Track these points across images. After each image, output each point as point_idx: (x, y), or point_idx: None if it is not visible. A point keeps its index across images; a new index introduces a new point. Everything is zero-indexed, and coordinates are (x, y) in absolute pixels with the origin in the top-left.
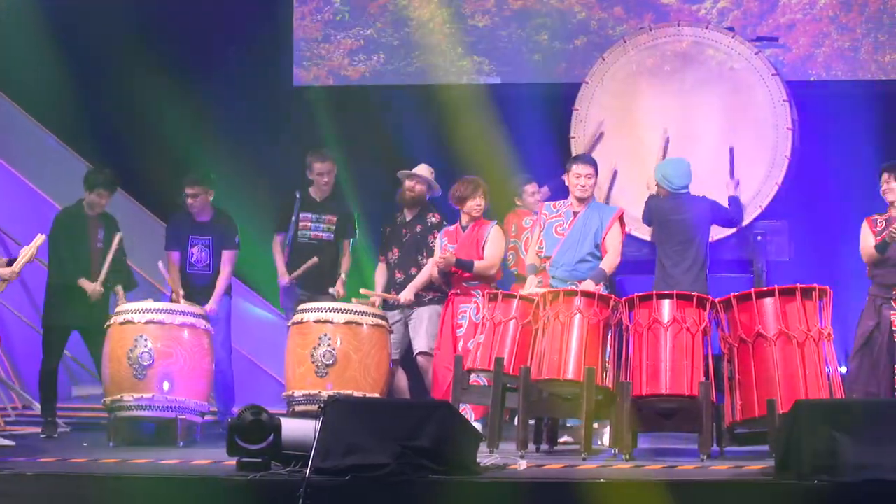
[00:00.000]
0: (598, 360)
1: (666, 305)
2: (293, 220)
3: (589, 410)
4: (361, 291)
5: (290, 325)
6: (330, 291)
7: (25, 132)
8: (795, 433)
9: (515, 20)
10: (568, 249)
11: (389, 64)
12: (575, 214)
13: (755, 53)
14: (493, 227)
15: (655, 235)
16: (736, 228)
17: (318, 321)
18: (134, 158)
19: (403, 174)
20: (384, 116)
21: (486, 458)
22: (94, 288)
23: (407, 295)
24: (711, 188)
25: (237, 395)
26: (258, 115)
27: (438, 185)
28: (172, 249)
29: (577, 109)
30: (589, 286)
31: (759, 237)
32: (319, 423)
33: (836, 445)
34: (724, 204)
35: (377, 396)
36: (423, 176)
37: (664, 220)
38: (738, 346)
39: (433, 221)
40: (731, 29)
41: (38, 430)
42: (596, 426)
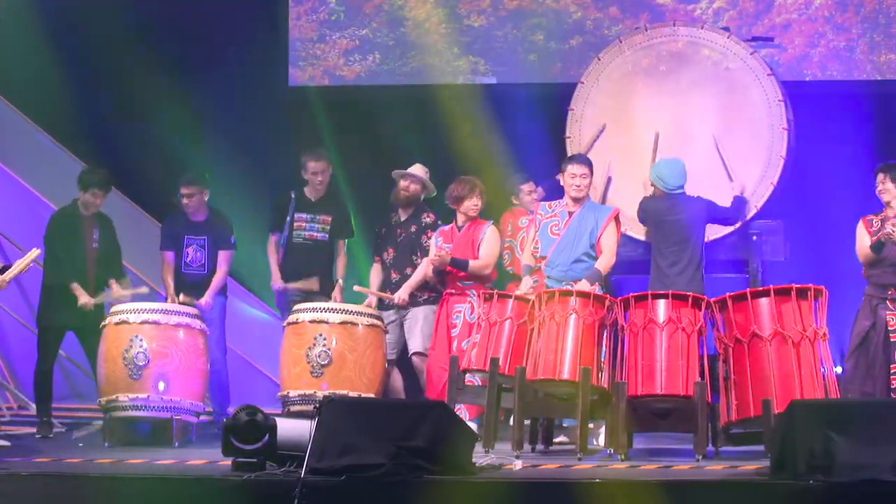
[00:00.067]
0: (593, 360)
1: (661, 305)
2: (288, 220)
3: (584, 410)
4: (355, 289)
5: (285, 324)
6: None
7: (20, 132)
8: (791, 433)
9: (511, 20)
10: (563, 249)
11: (385, 64)
12: (570, 214)
13: (751, 53)
14: (488, 227)
15: (651, 236)
16: (735, 227)
17: (313, 321)
18: (129, 158)
19: (398, 174)
20: (379, 116)
21: (481, 458)
22: (85, 301)
23: (402, 295)
24: (707, 188)
25: (232, 395)
26: (253, 114)
27: (433, 184)
28: (167, 249)
29: (572, 109)
30: (584, 286)
31: (754, 237)
32: (315, 423)
33: (831, 445)
34: (720, 203)
35: (372, 396)
36: (417, 175)
37: (659, 220)
38: (733, 345)
39: (427, 221)
40: (726, 29)
41: (33, 430)
42: (591, 426)
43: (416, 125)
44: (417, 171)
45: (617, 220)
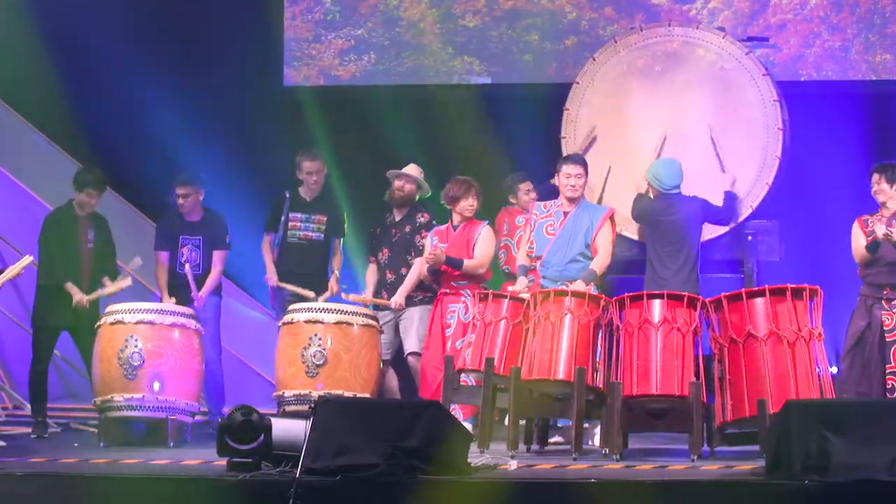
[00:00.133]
0: (588, 360)
1: (656, 305)
2: (283, 219)
3: (579, 410)
4: (352, 298)
5: (280, 325)
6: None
7: (15, 131)
8: (786, 433)
9: (506, 20)
10: (558, 249)
11: (380, 64)
12: (565, 214)
13: (746, 53)
14: (484, 227)
15: (646, 236)
16: (729, 227)
17: (308, 321)
18: (124, 158)
19: (392, 174)
20: (374, 116)
21: (476, 458)
22: (79, 299)
23: (398, 299)
24: (703, 188)
25: (227, 395)
26: (249, 114)
27: (427, 184)
28: (162, 249)
29: (567, 109)
30: (580, 287)
31: (749, 237)
32: (310, 423)
33: (826, 445)
34: (716, 202)
35: (367, 396)
36: (412, 175)
37: (655, 220)
38: (728, 346)
39: (422, 221)
40: (721, 29)
41: (28, 430)
42: (586, 426)
43: (411, 125)
44: (412, 171)
45: (612, 220)
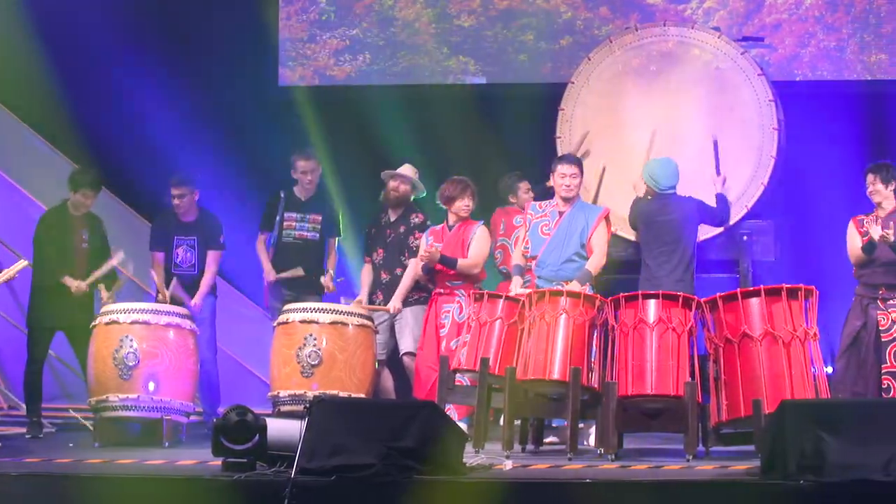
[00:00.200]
0: (583, 360)
1: (651, 305)
2: (278, 219)
3: (574, 410)
4: (355, 303)
5: (275, 325)
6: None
7: (9, 131)
8: (781, 433)
9: (501, 20)
10: (554, 249)
11: (375, 64)
12: (561, 214)
13: (741, 53)
14: (479, 227)
15: (641, 236)
16: (723, 228)
17: (303, 321)
18: (119, 158)
19: (387, 174)
20: (369, 116)
21: (471, 458)
22: (77, 285)
23: (395, 303)
24: (698, 188)
25: (222, 395)
26: (243, 114)
27: (422, 184)
28: (157, 250)
29: (562, 109)
30: (575, 287)
31: (744, 237)
32: (305, 423)
33: (822, 445)
34: (711, 203)
35: (363, 397)
36: (407, 176)
37: (650, 220)
38: (723, 346)
39: (416, 222)
40: (716, 29)
41: (23, 430)
42: (581, 426)
43: (406, 125)
44: (407, 171)
45: (607, 220)
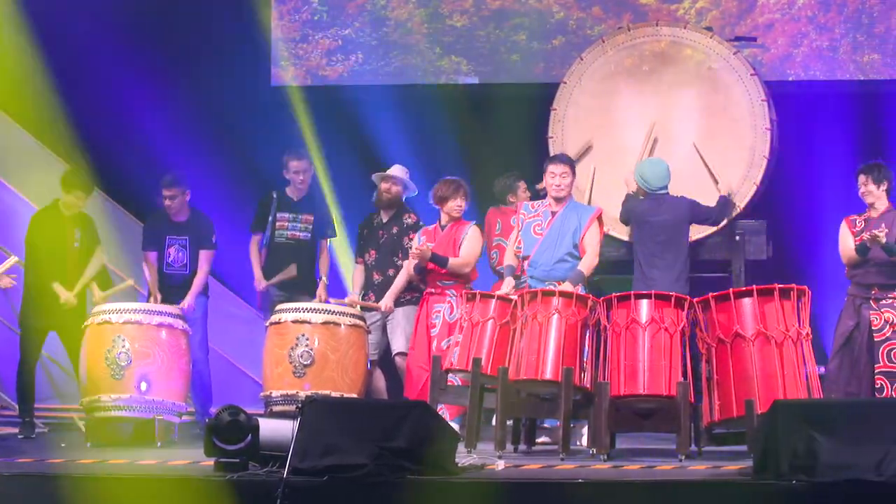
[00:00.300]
0: (576, 360)
1: (644, 305)
2: (270, 220)
3: (567, 411)
4: (346, 301)
5: (267, 325)
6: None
7: (2, 132)
8: (773, 433)
9: (493, 20)
10: (546, 249)
11: (367, 64)
12: (553, 214)
13: (733, 53)
14: (470, 227)
15: (634, 236)
16: (718, 227)
17: (295, 321)
18: (111, 158)
19: (378, 177)
20: (362, 116)
21: (463, 458)
22: (67, 297)
23: (387, 302)
24: (691, 188)
25: (215, 395)
26: (236, 114)
27: (414, 184)
28: (149, 249)
29: (555, 109)
30: (567, 289)
31: (737, 237)
32: (297, 423)
33: (814, 445)
34: (704, 202)
35: (355, 397)
36: (398, 177)
37: (642, 220)
38: (716, 346)
39: (409, 222)
40: (709, 29)
41: (15, 430)
42: (574, 426)
43: (398, 125)
44: (397, 172)
45: (600, 220)
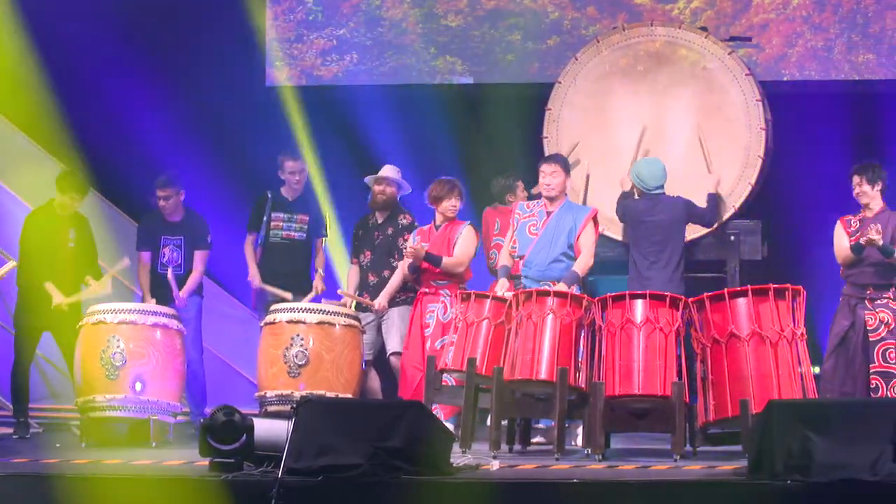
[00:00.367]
0: (570, 360)
1: (639, 305)
2: (265, 220)
3: (562, 411)
4: (339, 292)
5: (262, 325)
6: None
7: None
8: (768, 433)
9: (488, 20)
10: (541, 249)
11: (362, 64)
12: (548, 214)
13: (728, 53)
14: (465, 226)
15: (629, 236)
16: (711, 228)
17: (290, 321)
18: (106, 158)
19: (371, 179)
20: (357, 116)
21: (458, 458)
22: (59, 301)
23: (381, 301)
24: (686, 188)
25: (209, 395)
26: (231, 115)
27: (407, 182)
28: (144, 250)
29: (549, 109)
30: (562, 289)
31: (732, 237)
32: (292, 423)
33: (809, 445)
34: (700, 203)
35: (350, 397)
36: (390, 178)
37: (638, 220)
38: (711, 346)
39: (404, 223)
40: (704, 28)
41: (10, 430)
42: (569, 426)
43: (393, 125)
44: (389, 172)
45: (595, 220)
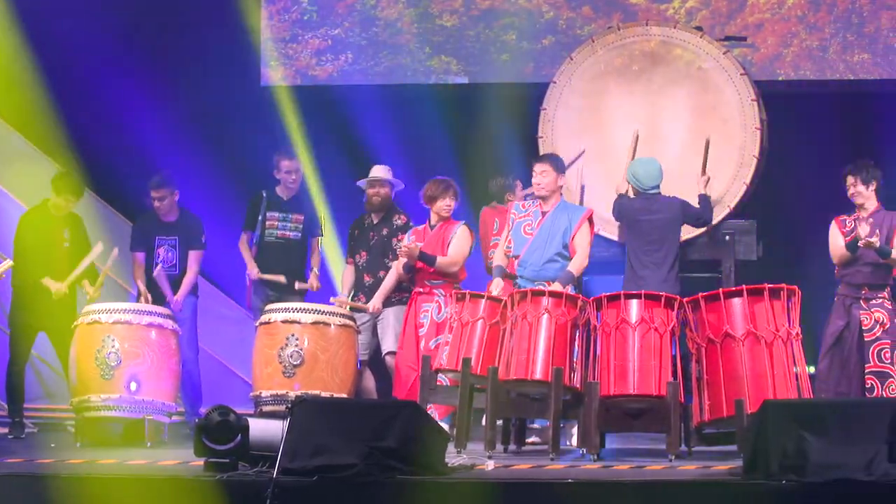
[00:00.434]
0: (565, 360)
1: (634, 305)
2: (260, 219)
3: (556, 411)
4: (332, 300)
5: (257, 325)
6: (297, 288)
7: None
8: (763, 433)
9: (483, 20)
10: (536, 249)
11: (357, 64)
12: (543, 214)
13: (723, 53)
14: (459, 226)
15: (625, 236)
16: (706, 228)
17: (285, 321)
18: (101, 158)
19: (364, 183)
20: (352, 116)
21: (453, 458)
22: (58, 287)
23: (376, 304)
24: (681, 188)
25: (204, 395)
26: (226, 114)
27: (399, 180)
28: (138, 250)
29: (544, 109)
30: (557, 289)
31: (727, 237)
32: (287, 423)
33: (804, 445)
34: (694, 203)
35: (344, 397)
36: (382, 179)
37: (634, 220)
38: (706, 346)
39: (399, 223)
40: (699, 28)
41: (5, 430)
42: (563, 426)
43: (388, 125)
44: (380, 173)
45: (590, 220)
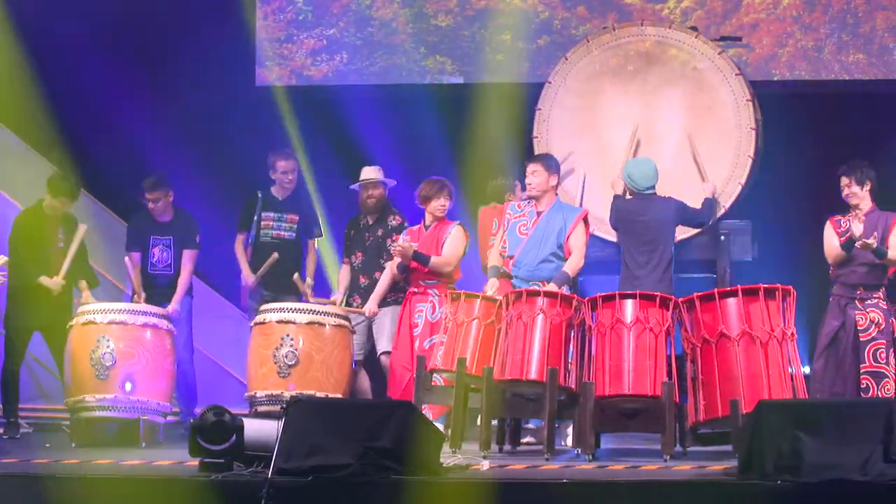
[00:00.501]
0: (560, 360)
1: (629, 305)
2: (255, 219)
3: (552, 411)
4: (330, 301)
5: (252, 325)
6: (294, 278)
7: None
8: (759, 433)
9: (478, 20)
10: (531, 249)
11: (352, 64)
12: (539, 214)
13: (719, 53)
14: (454, 226)
15: (621, 236)
16: (702, 229)
17: (280, 321)
18: (95, 158)
19: (359, 186)
20: (347, 116)
21: (448, 458)
22: (55, 281)
23: (371, 307)
24: (677, 188)
25: (199, 395)
26: (221, 114)
27: (391, 179)
28: (133, 250)
29: (539, 109)
30: (552, 289)
31: (722, 237)
32: (282, 423)
33: (799, 445)
34: (693, 204)
35: (339, 397)
36: (375, 180)
37: (629, 220)
38: (701, 346)
39: (394, 224)
40: (694, 28)
41: None
42: (559, 426)
43: (383, 125)
44: (371, 174)
45: (586, 221)
